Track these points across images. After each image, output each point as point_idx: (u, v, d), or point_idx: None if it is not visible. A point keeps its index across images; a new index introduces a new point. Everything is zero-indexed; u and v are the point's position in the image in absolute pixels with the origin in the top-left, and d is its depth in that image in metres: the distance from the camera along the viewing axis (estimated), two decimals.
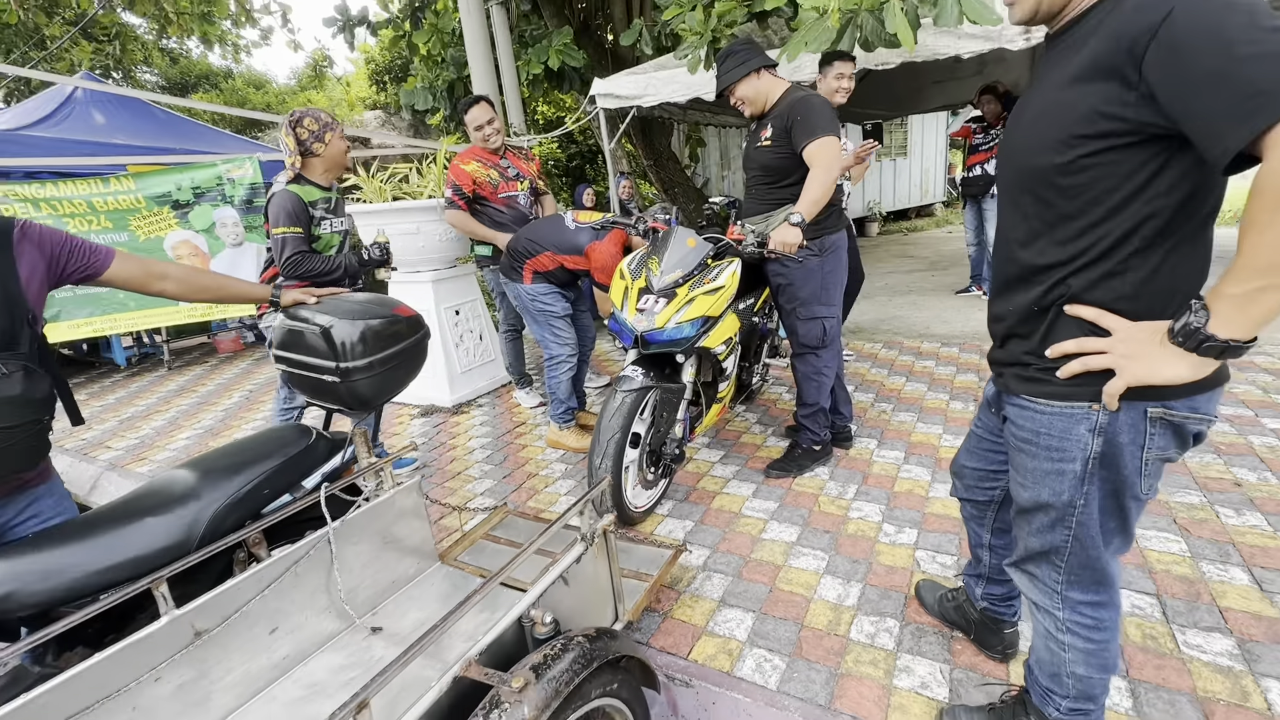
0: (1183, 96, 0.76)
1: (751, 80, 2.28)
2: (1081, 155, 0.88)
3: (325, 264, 2.34)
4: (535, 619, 1.15)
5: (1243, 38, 0.71)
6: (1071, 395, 0.97)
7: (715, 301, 2.18)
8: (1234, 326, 0.80)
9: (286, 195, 2.26)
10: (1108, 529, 1.03)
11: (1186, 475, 2.22)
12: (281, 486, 1.64)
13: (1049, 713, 1.16)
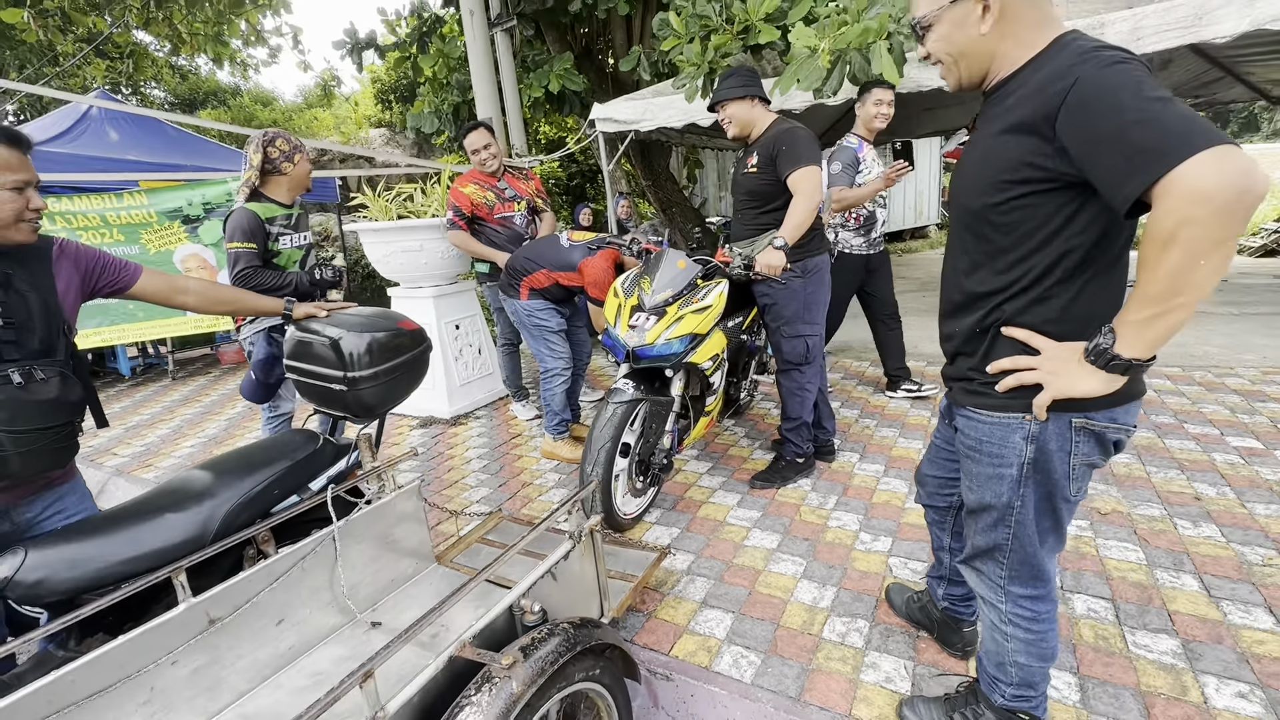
0: (1089, 153, 0.90)
1: (744, 103, 2.44)
2: (1011, 198, 1.01)
3: (275, 279, 2.39)
4: (525, 608, 1.25)
5: (1131, 105, 0.85)
6: (1008, 407, 1.09)
7: (703, 320, 2.31)
8: (1135, 348, 0.93)
9: (243, 213, 2.36)
10: (1043, 528, 1.14)
11: (1150, 490, 2.33)
12: (290, 488, 1.74)
13: (995, 700, 1.26)
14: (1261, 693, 1.41)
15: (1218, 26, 3.11)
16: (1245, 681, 1.44)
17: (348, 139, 13.10)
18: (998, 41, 1.03)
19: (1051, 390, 1.02)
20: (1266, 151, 17.02)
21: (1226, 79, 6.61)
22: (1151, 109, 0.84)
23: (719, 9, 3.87)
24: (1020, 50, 1.02)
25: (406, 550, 1.91)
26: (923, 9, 1.09)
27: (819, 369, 2.60)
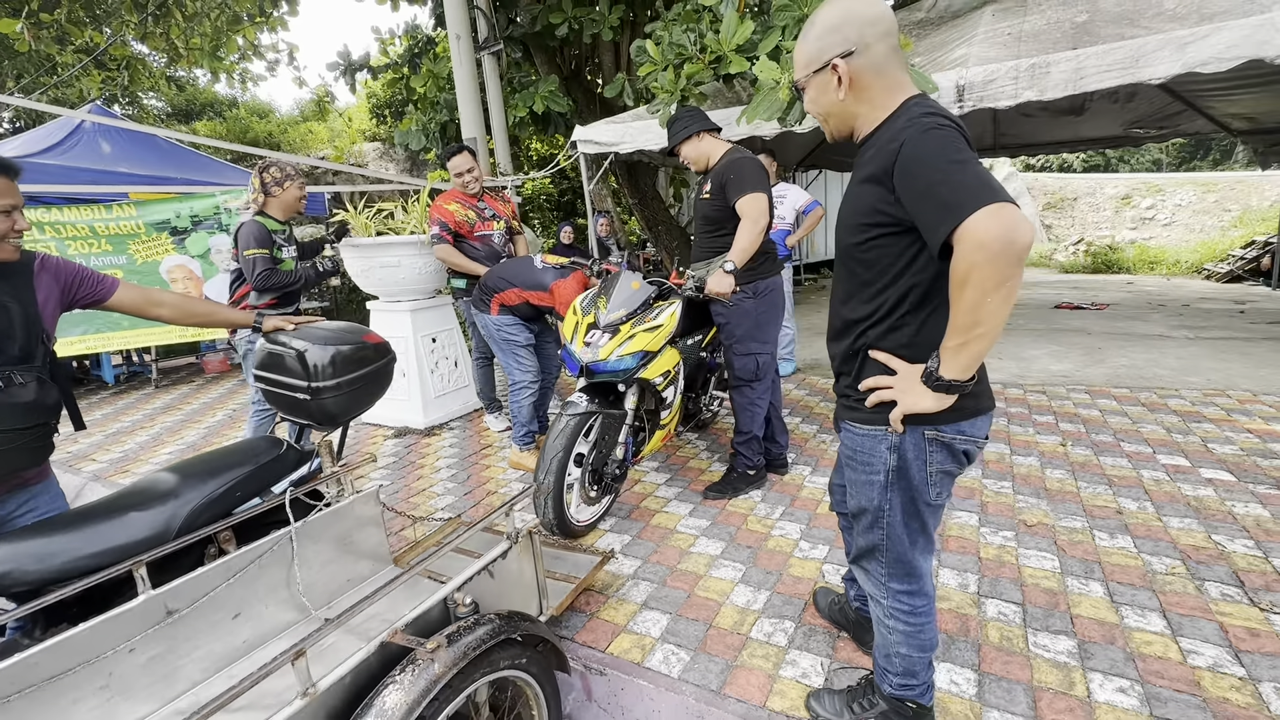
0: (912, 204, 1.06)
1: (693, 142, 2.62)
2: (868, 238, 1.16)
3: (289, 276, 2.85)
4: (458, 601, 1.37)
5: (938, 166, 1.01)
6: (874, 420, 1.23)
7: (654, 338, 2.44)
8: (952, 370, 1.08)
9: (255, 224, 2.78)
10: (911, 529, 1.27)
11: (1078, 503, 2.47)
12: (252, 490, 1.85)
13: (884, 689, 1.38)
14: (1141, 688, 1.53)
15: (1153, 69, 3.32)
16: (1128, 678, 1.56)
17: (341, 153, 13.27)
18: (855, 105, 1.19)
19: (901, 406, 1.17)
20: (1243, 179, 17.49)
21: (1189, 112, 6.89)
22: (951, 170, 1.01)
23: (694, 39, 4.06)
24: (876, 112, 1.17)
25: (364, 552, 2.01)
26: (798, 73, 1.24)
27: (770, 385, 2.73)
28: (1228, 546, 2.09)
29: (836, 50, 1.17)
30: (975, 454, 1.23)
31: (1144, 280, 9.49)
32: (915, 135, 1.05)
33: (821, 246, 11.96)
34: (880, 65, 1.18)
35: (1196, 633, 1.70)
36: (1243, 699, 1.47)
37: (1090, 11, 4.06)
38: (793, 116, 3.41)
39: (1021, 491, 2.60)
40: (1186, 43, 3.21)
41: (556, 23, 6.19)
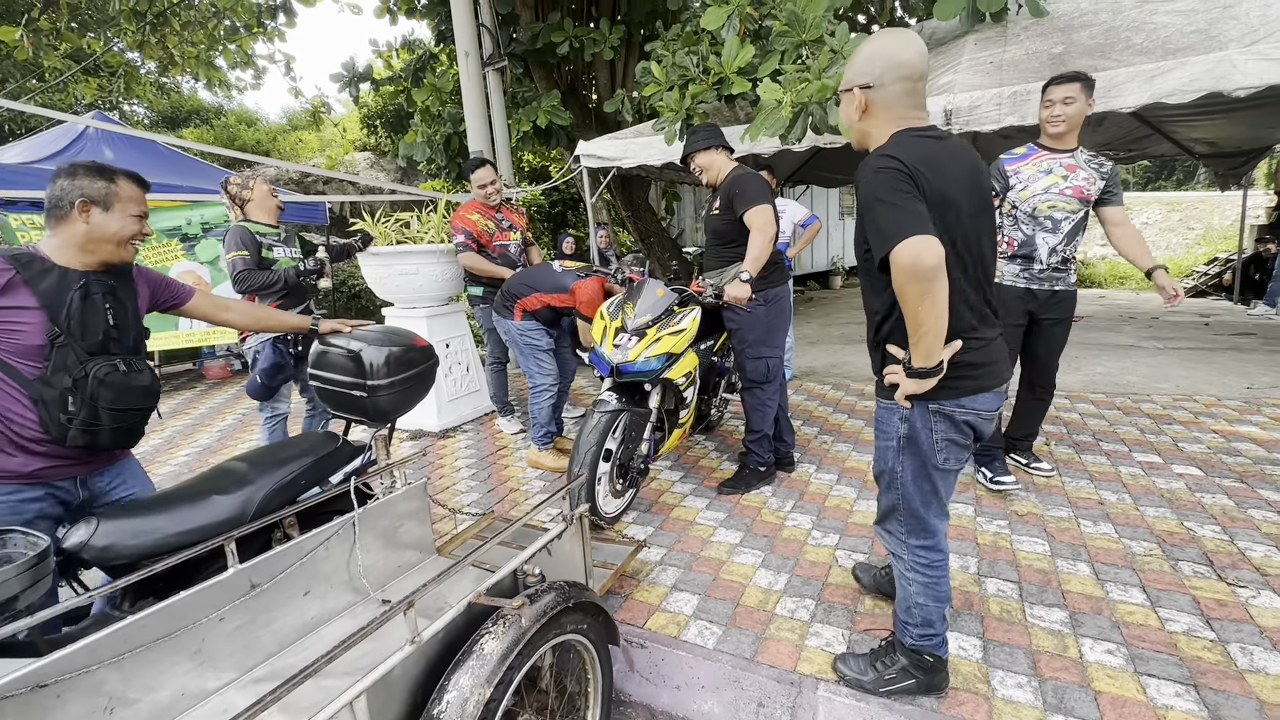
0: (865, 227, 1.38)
1: (710, 153, 2.82)
2: (864, 251, 1.43)
3: (267, 277, 2.85)
4: (527, 572, 1.52)
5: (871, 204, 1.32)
6: (888, 396, 1.48)
7: (678, 341, 2.64)
8: (918, 360, 1.35)
9: (237, 228, 2.89)
10: (923, 490, 1.48)
11: (1063, 496, 2.68)
12: (313, 480, 1.98)
13: (905, 641, 1.56)
14: (1126, 649, 1.73)
15: (1123, 99, 3.61)
16: (1114, 641, 1.76)
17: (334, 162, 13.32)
18: (866, 126, 1.48)
19: (902, 388, 1.42)
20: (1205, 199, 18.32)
21: (1155, 136, 7.31)
22: (881, 209, 1.30)
23: (696, 61, 4.28)
24: (880, 137, 1.44)
25: (411, 541, 2.14)
26: (841, 86, 1.50)
27: (779, 388, 2.92)
28: (1198, 531, 2.31)
29: (861, 80, 1.43)
30: (981, 426, 1.46)
31: (1115, 294, 9.93)
32: (863, 174, 1.36)
33: (808, 260, 12.27)
34: (891, 101, 1.41)
35: (1172, 604, 1.91)
36: (1213, 657, 1.68)
37: (1065, 44, 4.38)
38: (794, 134, 3.64)
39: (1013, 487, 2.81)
40: (1153, 75, 3.51)
41: (558, 41, 6.40)
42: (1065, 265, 2.64)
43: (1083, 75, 2.49)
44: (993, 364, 1.43)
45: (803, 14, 3.70)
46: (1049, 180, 2.56)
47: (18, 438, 1.53)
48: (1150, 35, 4.05)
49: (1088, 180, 2.53)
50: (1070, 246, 2.62)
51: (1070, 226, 2.58)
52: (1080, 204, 2.55)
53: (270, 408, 2.98)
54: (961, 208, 1.37)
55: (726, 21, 4.10)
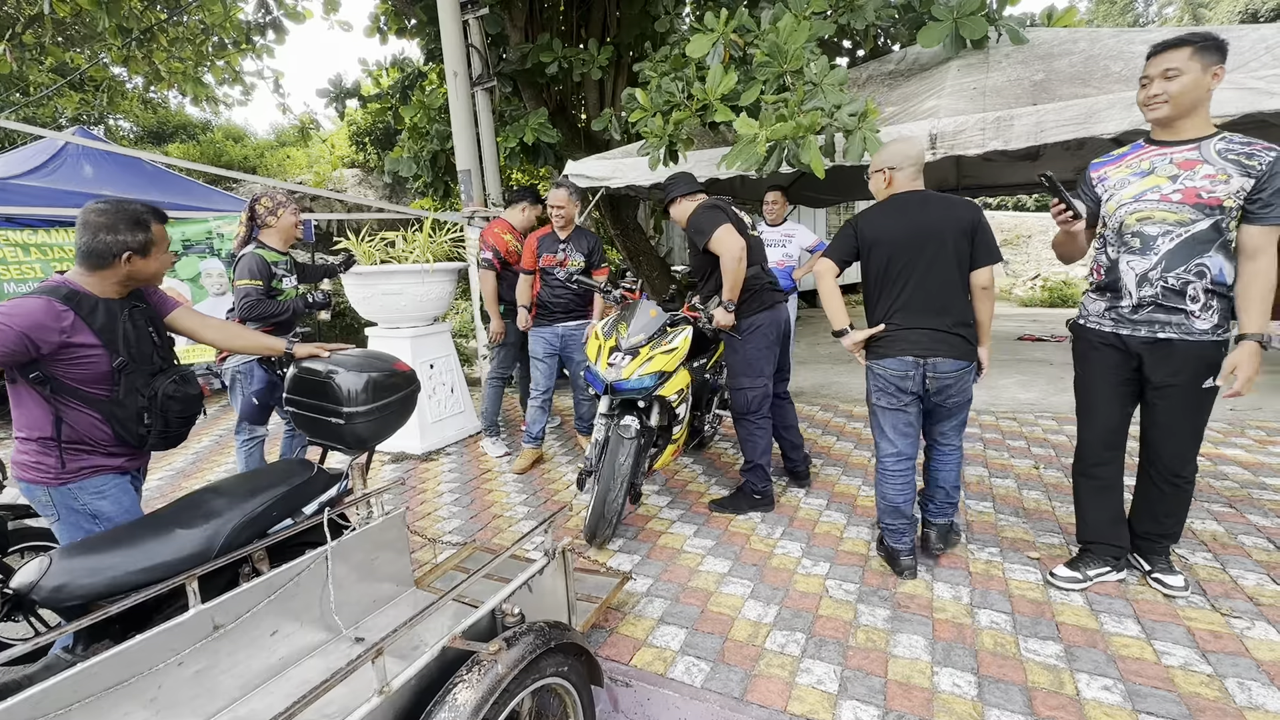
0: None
1: (678, 203, 3.02)
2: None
3: (277, 306, 2.83)
4: (505, 611, 1.45)
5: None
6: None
7: (670, 359, 2.68)
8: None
9: (253, 256, 2.81)
10: (874, 420, 2.33)
11: (1053, 520, 2.66)
12: (286, 511, 1.90)
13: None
14: (1122, 685, 1.68)
15: (1104, 125, 3.66)
16: (1110, 677, 1.72)
17: (321, 179, 13.26)
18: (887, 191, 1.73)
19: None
20: None
21: None
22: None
23: (681, 87, 4.31)
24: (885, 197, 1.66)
25: (388, 574, 2.06)
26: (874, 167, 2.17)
27: (765, 417, 2.87)
28: (1190, 559, 2.29)
29: (889, 164, 2.29)
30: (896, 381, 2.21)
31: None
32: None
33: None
34: (900, 179, 2.27)
35: (1167, 635, 1.88)
36: (1211, 693, 1.64)
37: (1046, 71, 4.46)
38: (768, 167, 3.66)
39: (1002, 511, 2.78)
40: (1132, 104, 3.57)
41: (547, 61, 6.43)
42: (1173, 302, 1.86)
43: (1195, 37, 1.77)
44: (900, 342, 2.19)
45: (784, 45, 3.75)
46: (1145, 183, 1.88)
47: (105, 445, 1.76)
48: (1128, 64, 4.13)
49: (1213, 179, 1.77)
50: (1180, 273, 1.84)
51: (1173, 245, 1.84)
52: (1196, 212, 1.80)
53: (248, 430, 2.89)
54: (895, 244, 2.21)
55: (711, 49, 4.14)
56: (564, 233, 3.61)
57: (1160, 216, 1.85)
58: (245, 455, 2.90)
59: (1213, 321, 1.84)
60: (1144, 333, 1.93)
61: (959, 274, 2.17)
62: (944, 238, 2.15)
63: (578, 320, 3.66)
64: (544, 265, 3.58)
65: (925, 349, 2.15)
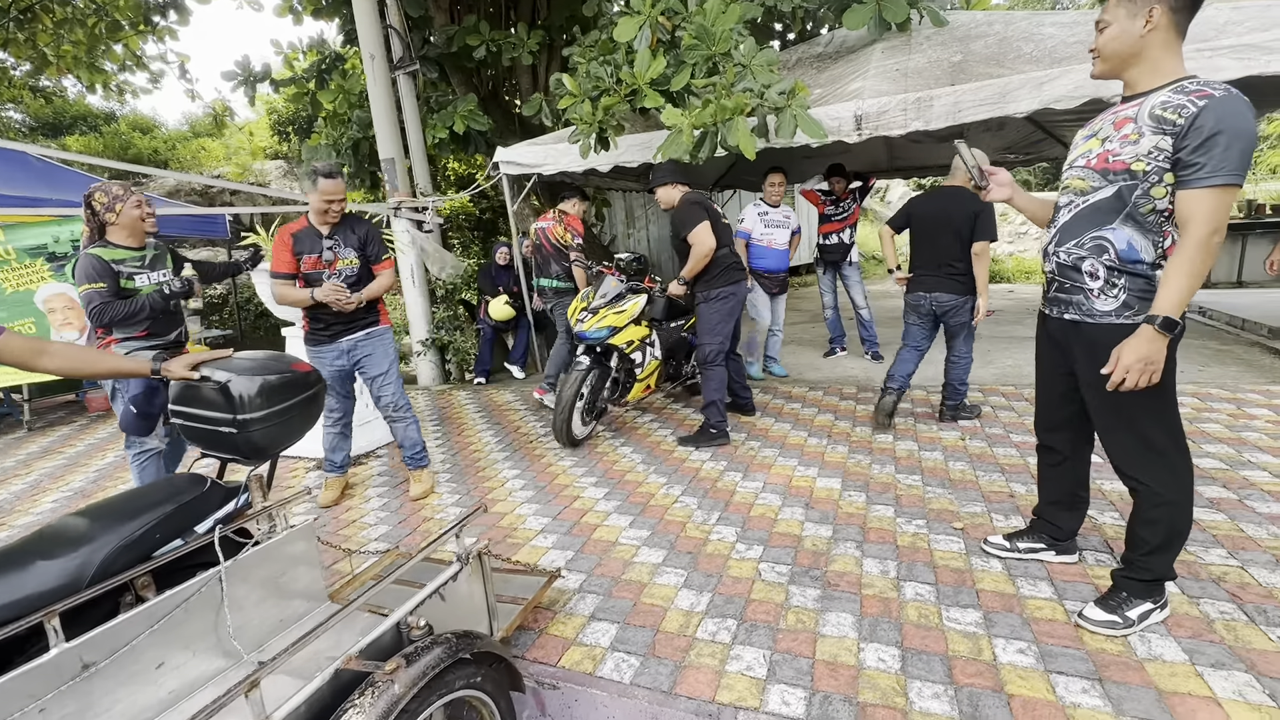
0: None
1: (667, 188, 3.63)
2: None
3: (129, 307, 2.56)
4: (411, 624, 1.36)
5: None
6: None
7: (620, 318, 3.65)
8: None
9: (86, 258, 2.55)
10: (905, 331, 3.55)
11: (977, 490, 2.74)
12: (173, 531, 1.74)
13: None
14: (1037, 647, 1.74)
15: (1017, 104, 3.78)
16: (1024, 640, 1.77)
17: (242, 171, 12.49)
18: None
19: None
20: None
21: (1048, 140, 7.79)
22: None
23: (610, 72, 4.21)
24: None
25: (298, 590, 1.93)
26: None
27: (722, 366, 3.62)
28: (1099, 519, 2.40)
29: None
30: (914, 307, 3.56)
31: (1022, 289, 10.56)
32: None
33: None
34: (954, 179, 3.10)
35: (1077, 595, 1.95)
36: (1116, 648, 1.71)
37: (964, 53, 4.56)
38: (702, 154, 3.63)
39: (930, 483, 2.86)
40: (1042, 83, 3.69)
41: (474, 45, 6.19)
42: (1071, 279, 1.72)
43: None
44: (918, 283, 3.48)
45: (712, 27, 3.70)
46: (1084, 148, 1.71)
47: None
48: (1039, 45, 4.28)
49: (1129, 139, 1.56)
50: (1072, 247, 1.69)
51: (1069, 216, 1.70)
52: (1100, 179, 1.62)
53: (139, 443, 2.66)
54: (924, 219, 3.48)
55: (639, 33, 4.05)
56: (326, 227, 2.92)
57: (1073, 185, 1.70)
58: (139, 470, 2.67)
59: (1118, 302, 1.63)
60: (1054, 313, 1.82)
61: (959, 243, 3.35)
62: (953, 218, 3.36)
63: (366, 329, 3.07)
64: (307, 270, 2.89)
65: (930, 287, 3.46)
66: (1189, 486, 1.68)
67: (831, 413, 4.03)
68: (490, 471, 3.47)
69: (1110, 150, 1.61)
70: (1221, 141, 1.41)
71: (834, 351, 5.84)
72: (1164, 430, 1.66)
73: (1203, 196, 1.45)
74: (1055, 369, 1.91)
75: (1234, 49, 3.34)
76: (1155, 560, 1.74)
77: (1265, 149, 14.30)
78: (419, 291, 5.69)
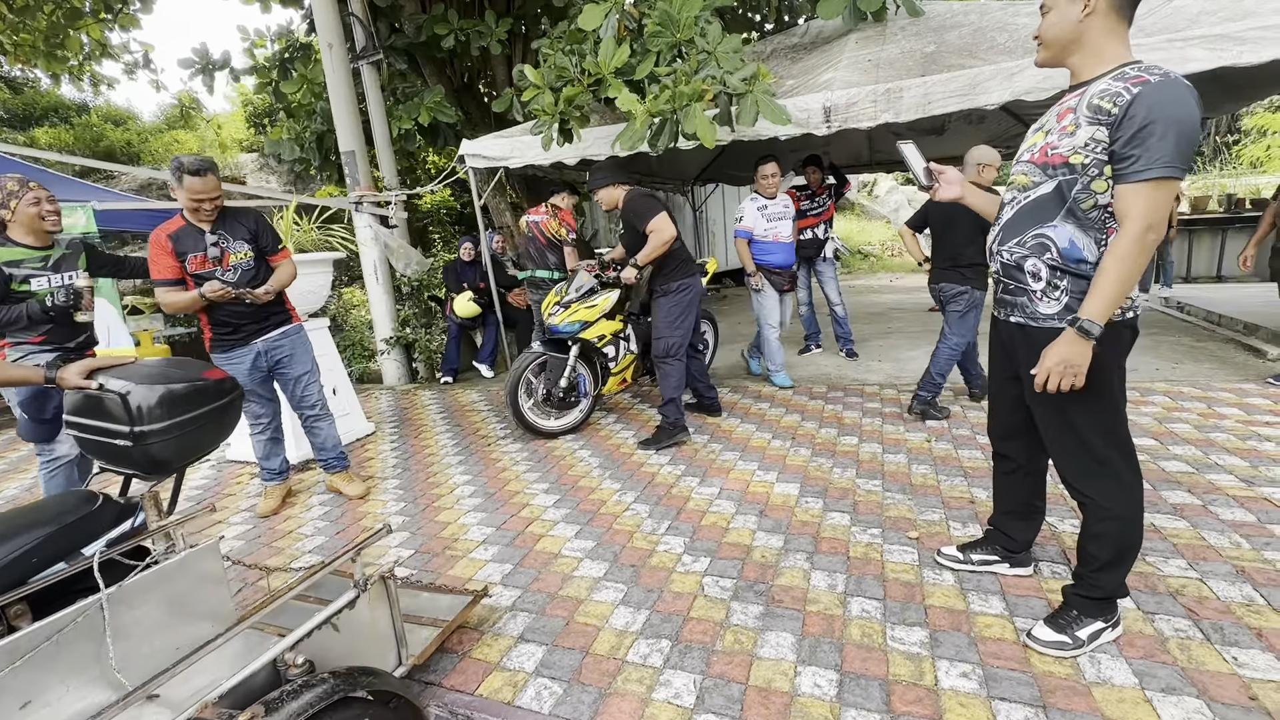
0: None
1: (608, 189, 3.51)
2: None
3: (5, 314, 2.38)
4: (288, 662, 1.24)
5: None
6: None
7: (590, 313, 3.66)
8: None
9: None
10: None
11: (937, 495, 2.65)
12: (53, 554, 1.61)
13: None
14: (981, 670, 1.64)
15: (987, 96, 3.68)
16: (969, 662, 1.67)
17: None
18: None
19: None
20: None
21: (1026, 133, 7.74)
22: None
23: (575, 61, 4.06)
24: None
25: (202, 613, 1.80)
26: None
27: (680, 361, 3.52)
28: (1058, 527, 2.31)
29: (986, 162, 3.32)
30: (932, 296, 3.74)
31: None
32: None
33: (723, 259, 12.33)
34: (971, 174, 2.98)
35: (1029, 611, 1.86)
36: (1064, 670, 1.62)
37: (937, 43, 4.46)
38: (662, 143, 3.51)
39: (890, 488, 2.76)
40: (1013, 73, 3.59)
41: (442, 34, 6.01)
42: (1015, 279, 1.62)
43: None
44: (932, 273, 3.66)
45: (676, 14, 3.57)
46: (1029, 142, 1.62)
47: None
48: (1012, 35, 4.17)
49: (1066, 131, 1.47)
50: (1013, 246, 1.60)
51: (1011, 214, 1.61)
52: (1040, 173, 1.53)
53: (47, 451, 2.50)
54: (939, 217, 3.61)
55: (605, 20, 3.91)
56: (208, 223, 2.67)
57: (1017, 180, 1.61)
58: (47, 480, 2.52)
59: (1059, 304, 1.53)
60: (1002, 315, 1.73)
61: (967, 238, 3.45)
62: (960, 216, 3.38)
63: (280, 327, 2.92)
64: (196, 271, 2.65)
65: (937, 279, 3.67)
66: (1138, 500, 1.59)
67: (799, 413, 3.93)
68: (441, 476, 3.35)
69: (1050, 143, 1.51)
70: (1156, 131, 1.31)
71: (809, 349, 5.73)
72: (1107, 440, 1.56)
73: (1138, 191, 1.36)
74: (1005, 373, 1.81)
75: (1206, 39, 3.24)
76: (1105, 577, 1.64)
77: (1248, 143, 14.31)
78: (383, 288, 5.53)
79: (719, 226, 12.16)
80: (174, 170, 2.57)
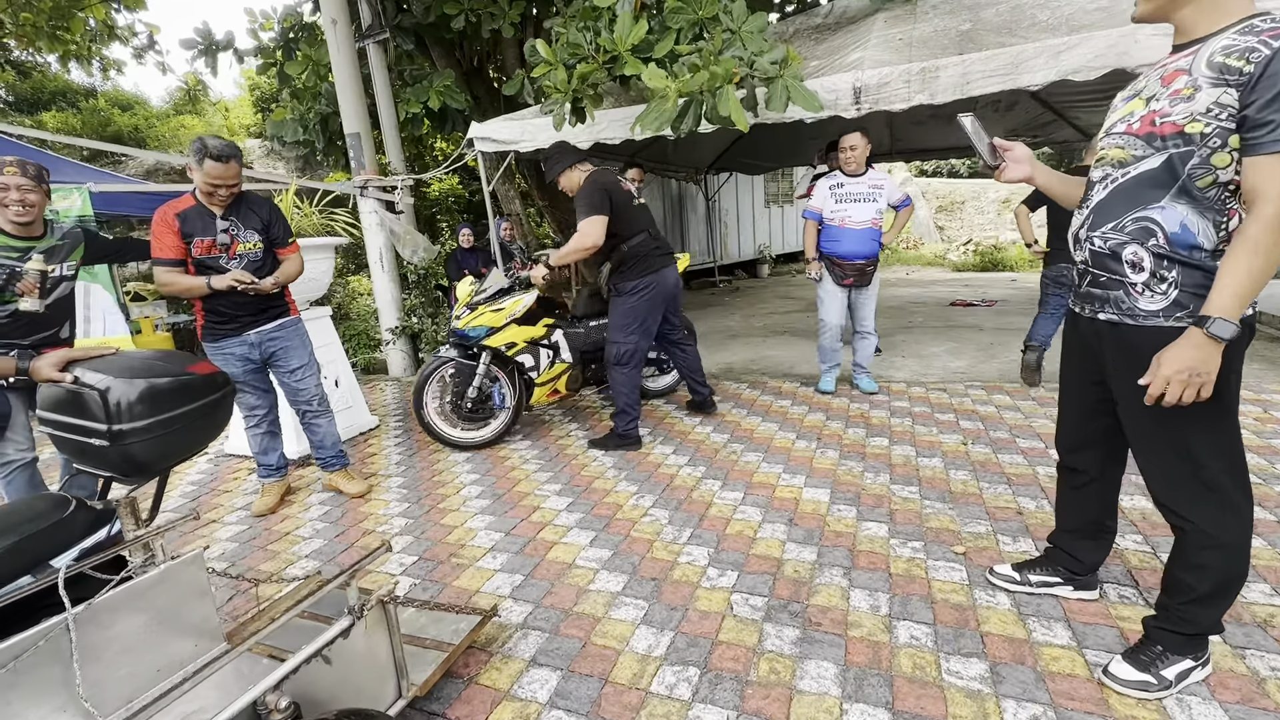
0: None
1: (567, 174, 3.23)
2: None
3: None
4: (269, 705, 1.07)
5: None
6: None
7: (496, 317, 3.31)
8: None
9: None
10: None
11: (980, 505, 2.46)
12: (21, 566, 1.44)
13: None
14: (1054, 713, 1.45)
15: (1031, 75, 3.43)
16: (1039, 703, 1.49)
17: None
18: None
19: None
20: None
21: (1058, 122, 7.44)
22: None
23: (589, 38, 3.85)
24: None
25: (184, 632, 1.63)
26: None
27: (637, 368, 3.29)
28: (1120, 543, 2.11)
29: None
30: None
31: (1026, 277, 10.23)
32: None
33: (734, 248, 12.09)
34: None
35: (1099, 641, 1.67)
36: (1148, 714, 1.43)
37: (973, 21, 4.21)
38: (685, 125, 3.29)
39: (928, 496, 2.57)
40: (1059, 51, 3.35)
41: (452, 14, 5.80)
42: (1107, 270, 1.40)
43: None
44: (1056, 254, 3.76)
45: None
46: (1124, 111, 1.39)
47: None
48: (1055, 12, 3.92)
49: (1178, 95, 1.24)
50: (1108, 231, 1.37)
51: (1105, 193, 1.39)
52: (1144, 146, 1.30)
53: (5, 455, 2.31)
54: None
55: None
56: (220, 207, 2.55)
57: (1110, 156, 1.37)
58: (5, 484, 2.33)
59: (1167, 300, 1.29)
60: (1086, 311, 1.49)
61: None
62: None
63: (277, 320, 2.78)
64: (200, 255, 2.52)
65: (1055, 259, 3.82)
66: (1248, 526, 1.38)
67: (823, 411, 3.74)
68: (447, 474, 3.18)
69: (1158, 110, 1.27)
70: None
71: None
72: (1221, 459, 1.35)
73: (1276, 164, 1.13)
74: (1084, 378, 1.59)
75: None
76: (1199, 611, 1.44)
77: None
78: (388, 276, 5.36)
79: (731, 217, 11.92)
80: (196, 151, 2.42)
